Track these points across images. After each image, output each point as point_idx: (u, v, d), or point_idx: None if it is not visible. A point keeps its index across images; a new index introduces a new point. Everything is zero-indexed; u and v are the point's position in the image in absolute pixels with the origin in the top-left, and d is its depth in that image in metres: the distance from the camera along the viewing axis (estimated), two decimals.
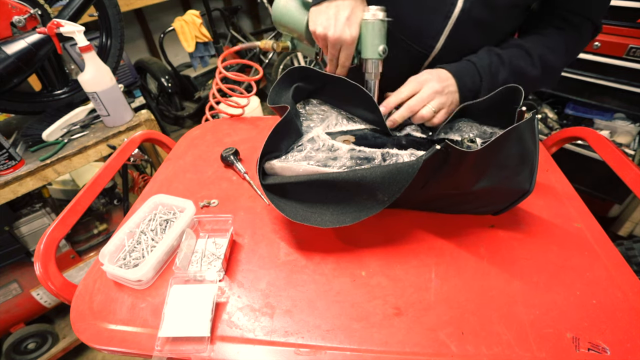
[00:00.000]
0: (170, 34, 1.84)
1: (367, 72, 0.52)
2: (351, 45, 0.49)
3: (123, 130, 0.91)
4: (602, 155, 0.53)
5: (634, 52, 1.06)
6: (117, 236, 0.47)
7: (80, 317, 0.41)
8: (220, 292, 0.42)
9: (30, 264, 1.02)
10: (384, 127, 0.51)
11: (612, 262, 0.40)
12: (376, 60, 0.50)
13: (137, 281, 0.42)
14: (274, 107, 0.49)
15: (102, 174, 0.58)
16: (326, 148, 0.47)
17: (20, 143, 0.89)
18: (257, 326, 0.38)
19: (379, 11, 0.48)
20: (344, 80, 0.49)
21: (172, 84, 1.90)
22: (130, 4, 1.74)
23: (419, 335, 0.36)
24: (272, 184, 0.44)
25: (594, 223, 0.45)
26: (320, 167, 0.44)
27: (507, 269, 0.41)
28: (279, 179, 0.44)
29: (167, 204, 0.52)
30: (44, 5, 0.87)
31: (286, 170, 0.44)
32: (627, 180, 0.47)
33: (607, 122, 1.26)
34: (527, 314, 0.36)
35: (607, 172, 1.17)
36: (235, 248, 0.48)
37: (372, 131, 0.53)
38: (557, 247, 0.43)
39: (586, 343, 0.33)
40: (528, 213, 0.48)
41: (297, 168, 0.44)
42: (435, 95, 0.50)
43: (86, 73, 0.80)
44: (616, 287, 0.38)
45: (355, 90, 0.49)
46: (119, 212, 1.24)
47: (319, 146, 0.47)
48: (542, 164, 0.56)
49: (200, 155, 0.68)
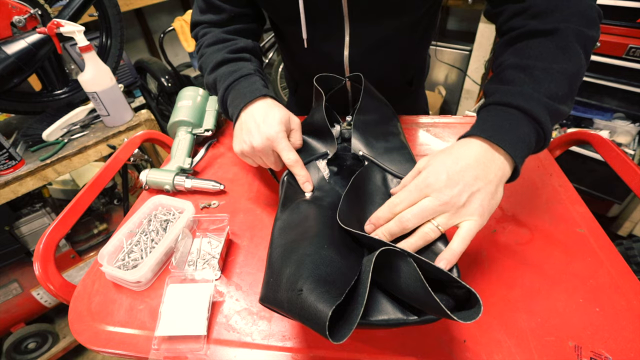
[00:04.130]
0: (170, 34, 1.83)
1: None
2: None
3: (123, 130, 0.91)
4: (607, 160, 0.52)
5: (634, 52, 1.06)
6: (116, 237, 0.47)
7: (79, 318, 0.41)
8: (217, 293, 0.42)
9: (30, 263, 1.02)
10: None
11: (616, 269, 0.40)
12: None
13: (135, 282, 0.42)
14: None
15: (102, 174, 0.58)
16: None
17: (20, 143, 0.89)
18: (255, 330, 0.38)
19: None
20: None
21: (172, 84, 1.89)
22: (130, 4, 1.74)
23: (418, 341, 0.35)
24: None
25: (597, 228, 0.45)
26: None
27: (509, 275, 0.40)
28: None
29: (166, 204, 0.52)
30: (44, 5, 0.87)
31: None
32: (633, 186, 0.47)
33: (606, 121, 1.25)
34: (528, 321, 0.36)
35: (607, 172, 1.17)
36: (234, 250, 0.47)
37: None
38: (560, 252, 0.42)
39: (588, 352, 0.33)
40: (530, 218, 0.47)
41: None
42: (444, 207, 0.32)
43: (86, 73, 0.80)
44: (620, 294, 0.37)
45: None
46: (119, 212, 1.24)
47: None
48: (545, 168, 0.55)
49: None
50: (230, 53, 0.53)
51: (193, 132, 0.65)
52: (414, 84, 0.70)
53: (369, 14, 0.51)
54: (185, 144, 0.63)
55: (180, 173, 0.58)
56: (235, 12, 0.57)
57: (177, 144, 0.63)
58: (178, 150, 0.61)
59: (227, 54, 0.53)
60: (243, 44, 0.56)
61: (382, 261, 0.28)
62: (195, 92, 0.69)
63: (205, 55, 0.55)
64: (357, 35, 0.54)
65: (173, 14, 2.18)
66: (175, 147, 0.62)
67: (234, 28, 0.58)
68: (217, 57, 0.53)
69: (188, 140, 0.63)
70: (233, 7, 0.56)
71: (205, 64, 0.55)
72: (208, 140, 0.64)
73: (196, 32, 0.60)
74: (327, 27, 0.54)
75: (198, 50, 0.58)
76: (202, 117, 0.68)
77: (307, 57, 0.62)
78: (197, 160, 0.61)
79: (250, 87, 0.48)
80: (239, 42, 0.56)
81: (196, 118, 0.66)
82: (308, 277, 0.28)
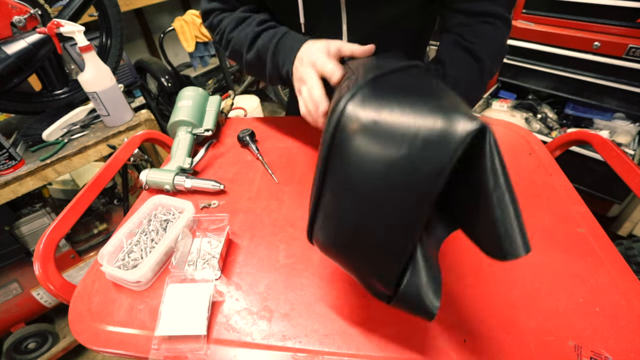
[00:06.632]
0: (170, 34, 1.83)
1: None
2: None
3: (123, 130, 0.91)
4: (607, 160, 0.52)
5: (634, 52, 1.06)
6: (116, 237, 0.47)
7: (79, 318, 0.41)
8: (217, 293, 0.42)
9: (30, 263, 1.02)
10: None
11: (616, 269, 0.40)
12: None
13: (135, 282, 0.42)
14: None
15: (102, 174, 0.58)
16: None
17: (20, 143, 0.89)
18: (255, 329, 0.38)
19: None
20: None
21: (172, 84, 1.89)
22: (130, 4, 1.74)
23: (418, 341, 0.35)
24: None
25: (597, 228, 0.45)
26: None
27: (509, 275, 0.40)
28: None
29: (166, 204, 0.52)
30: (44, 5, 0.87)
31: None
32: (633, 186, 0.47)
33: (606, 121, 1.26)
34: (528, 321, 0.36)
35: (606, 172, 1.17)
36: (234, 250, 0.47)
37: None
38: (560, 252, 0.42)
39: (588, 351, 0.33)
40: (530, 217, 0.47)
41: None
42: None
43: (86, 73, 0.80)
44: (620, 294, 0.37)
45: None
46: (119, 212, 1.24)
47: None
48: (545, 168, 0.55)
49: None
50: (258, 26, 0.54)
51: (193, 132, 0.65)
52: None
53: (365, 1, 0.52)
54: (185, 143, 0.63)
55: (180, 173, 0.58)
56: (241, 1, 0.57)
57: (177, 144, 0.63)
58: (178, 150, 0.62)
59: (255, 28, 0.53)
60: (264, 16, 0.56)
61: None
62: (195, 92, 0.69)
63: (234, 39, 0.56)
64: (354, 25, 0.55)
65: (173, 14, 2.18)
66: (175, 147, 0.62)
67: (248, 7, 0.58)
68: (248, 34, 0.53)
69: (188, 140, 0.63)
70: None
71: (239, 45, 0.55)
72: (208, 140, 0.64)
73: (210, 21, 0.60)
74: (324, 15, 0.54)
75: (220, 39, 0.58)
76: (202, 117, 0.68)
77: None
78: (197, 160, 0.61)
79: (290, 42, 0.49)
80: (258, 15, 0.56)
81: (196, 118, 0.66)
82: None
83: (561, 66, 1.24)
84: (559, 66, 1.25)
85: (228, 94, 0.81)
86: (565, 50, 1.20)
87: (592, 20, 1.13)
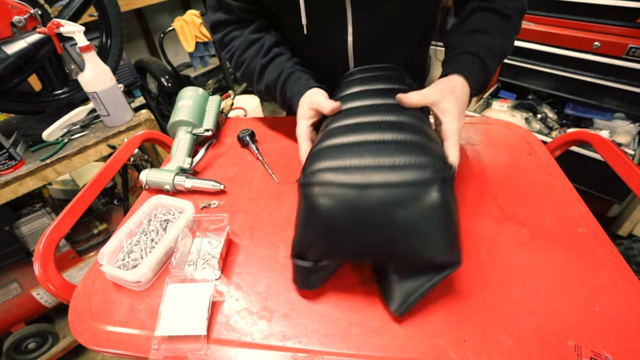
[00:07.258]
0: (170, 34, 1.83)
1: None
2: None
3: (123, 130, 0.91)
4: (607, 160, 0.52)
5: (634, 52, 1.06)
6: (116, 237, 0.47)
7: (79, 318, 0.41)
8: (217, 293, 0.42)
9: (30, 263, 1.02)
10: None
11: (616, 269, 0.40)
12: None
13: (135, 282, 0.42)
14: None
15: (102, 174, 0.58)
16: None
17: (20, 143, 0.89)
18: (255, 329, 0.38)
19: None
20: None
21: (172, 84, 1.89)
22: (130, 4, 1.74)
23: (418, 341, 0.35)
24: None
25: (597, 228, 0.45)
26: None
27: (509, 275, 0.40)
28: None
29: (166, 204, 0.52)
30: (44, 5, 0.87)
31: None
32: (633, 186, 0.47)
33: (606, 121, 1.25)
34: (528, 321, 0.36)
35: (606, 172, 1.17)
36: (234, 250, 0.47)
37: None
38: (560, 252, 0.42)
39: (588, 352, 0.33)
40: (530, 217, 0.47)
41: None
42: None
43: (86, 73, 0.80)
44: (620, 294, 0.37)
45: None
46: (119, 212, 1.24)
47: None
48: (545, 168, 0.55)
49: None
50: (263, 57, 0.58)
51: (193, 132, 0.65)
52: (417, 83, 0.70)
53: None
54: (185, 143, 0.63)
55: (180, 173, 0.58)
56: (244, 8, 0.58)
57: (177, 144, 0.63)
58: (178, 150, 0.62)
59: (261, 60, 0.58)
60: (269, 42, 0.59)
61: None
62: (195, 92, 0.69)
63: (244, 67, 0.61)
64: (360, 23, 0.54)
65: (173, 14, 2.17)
66: (175, 147, 0.62)
67: (256, 26, 0.60)
68: (255, 66, 0.59)
69: (188, 140, 0.63)
70: (241, 4, 0.58)
71: (249, 75, 0.60)
72: (208, 140, 0.64)
73: (220, 38, 0.63)
74: (327, 12, 0.54)
75: (230, 59, 0.62)
76: (202, 117, 0.68)
77: (307, 47, 0.61)
78: (197, 160, 0.61)
79: (293, 87, 0.55)
80: (265, 40, 0.59)
81: (196, 118, 0.66)
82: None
83: (561, 66, 1.24)
84: (559, 66, 1.25)
85: (228, 94, 0.81)
86: (565, 50, 1.20)
87: (592, 20, 1.13)
